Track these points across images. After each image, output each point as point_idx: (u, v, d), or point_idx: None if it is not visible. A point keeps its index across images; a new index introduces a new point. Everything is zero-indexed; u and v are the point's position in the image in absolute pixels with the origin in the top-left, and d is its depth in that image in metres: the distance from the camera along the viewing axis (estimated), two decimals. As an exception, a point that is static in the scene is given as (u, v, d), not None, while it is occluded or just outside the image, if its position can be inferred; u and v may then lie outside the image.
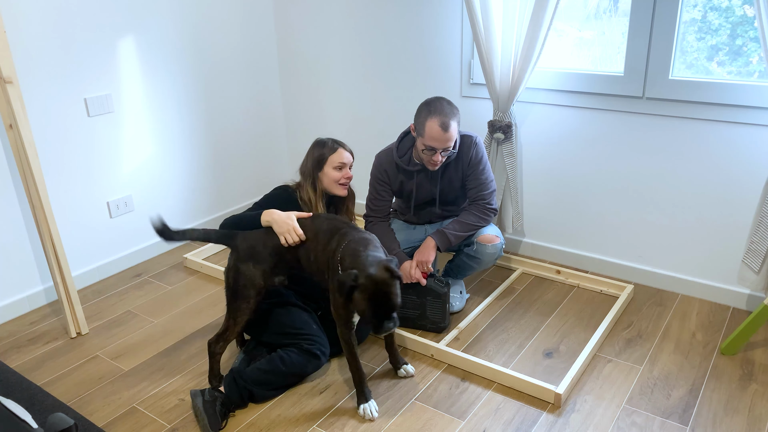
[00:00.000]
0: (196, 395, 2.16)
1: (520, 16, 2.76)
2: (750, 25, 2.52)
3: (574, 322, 2.72)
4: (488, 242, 2.63)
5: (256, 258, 2.20)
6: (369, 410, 2.18)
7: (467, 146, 2.60)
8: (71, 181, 2.99)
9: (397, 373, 2.39)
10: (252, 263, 2.19)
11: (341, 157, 2.42)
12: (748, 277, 2.69)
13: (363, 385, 2.20)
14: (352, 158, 2.48)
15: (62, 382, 2.42)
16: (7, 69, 2.37)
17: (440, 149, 2.45)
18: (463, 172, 2.63)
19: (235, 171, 3.83)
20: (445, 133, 2.41)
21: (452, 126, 2.42)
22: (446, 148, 2.46)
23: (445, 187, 2.66)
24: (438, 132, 2.41)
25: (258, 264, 2.19)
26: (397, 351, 2.39)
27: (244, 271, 2.19)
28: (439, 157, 2.48)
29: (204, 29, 3.42)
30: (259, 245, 2.21)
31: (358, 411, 2.19)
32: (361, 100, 3.63)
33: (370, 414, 2.17)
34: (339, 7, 3.49)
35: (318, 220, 2.26)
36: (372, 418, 2.17)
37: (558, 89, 2.93)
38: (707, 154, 2.68)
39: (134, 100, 3.17)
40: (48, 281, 2.99)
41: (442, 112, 2.42)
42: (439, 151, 2.46)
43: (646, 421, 2.14)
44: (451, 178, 2.64)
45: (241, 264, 2.20)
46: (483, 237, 2.63)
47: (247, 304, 2.20)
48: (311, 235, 2.21)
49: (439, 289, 2.56)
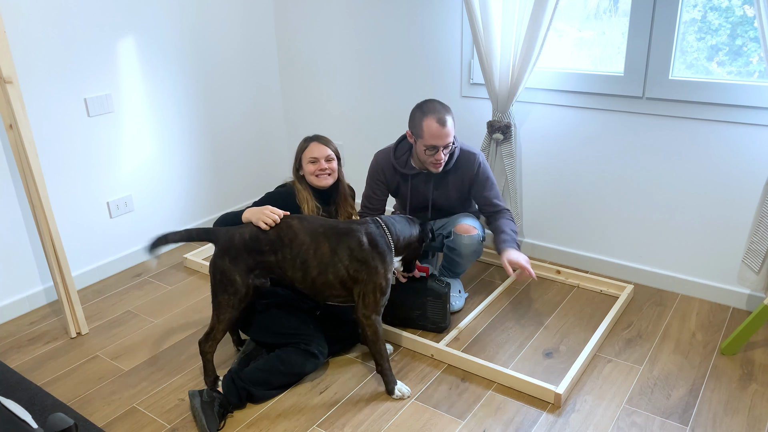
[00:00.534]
0: (194, 396, 2.16)
1: (520, 16, 2.76)
2: (750, 25, 2.52)
3: (574, 322, 2.72)
4: (464, 232, 2.63)
5: (231, 253, 2.16)
6: (405, 389, 2.29)
7: (470, 163, 2.61)
8: (71, 181, 2.99)
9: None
10: (228, 259, 2.16)
11: (312, 152, 2.46)
12: (748, 277, 2.69)
13: (391, 369, 2.30)
14: (328, 151, 2.47)
15: (62, 382, 2.42)
16: (7, 69, 2.37)
17: (441, 146, 2.46)
18: (467, 188, 2.66)
19: (235, 171, 3.83)
20: (444, 128, 2.43)
21: (449, 121, 2.45)
22: (447, 145, 2.47)
23: (440, 195, 2.67)
24: (437, 128, 2.42)
25: (234, 260, 2.16)
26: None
27: (221, 267, 2.16)
28: (441, 155, 2.49)
29: (204, 29, 3.42)
30: (236, 240, 2.18)
31: (395, 394, 2.27)
32: (361, 100, 3.63)
33: (408, 391, 2.29)
34: (339, 7, 3.49)
35: (307, 221, 2.24)
36: (409, 393, 2.29)
37: (558, 89, 2.93)
38: (707, 154, 2.68)
39: (134, 100, 3.17)
40: (48, 281, 2.99)
41: (435, 110, 2.44)
42: (440, 149, 2.46)
43: (646, 421, 2.14)
44: (448, 187, 2.65)
45: (218, 260, 2.17)
46: (459, 227, 2.64)
47: (228, 301, 2.17)
48: (305, 238, 2.19)
49: (440, 290, 2.56)
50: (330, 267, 2.18)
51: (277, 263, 2.20)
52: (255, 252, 2.18)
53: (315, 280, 2.20)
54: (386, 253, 2.21)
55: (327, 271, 2.19)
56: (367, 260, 2.18)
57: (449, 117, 2.46)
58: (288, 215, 2.25)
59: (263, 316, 2.35)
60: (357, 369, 2.45)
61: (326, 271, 2.19)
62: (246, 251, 2.17)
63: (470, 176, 2.63)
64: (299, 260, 2.19)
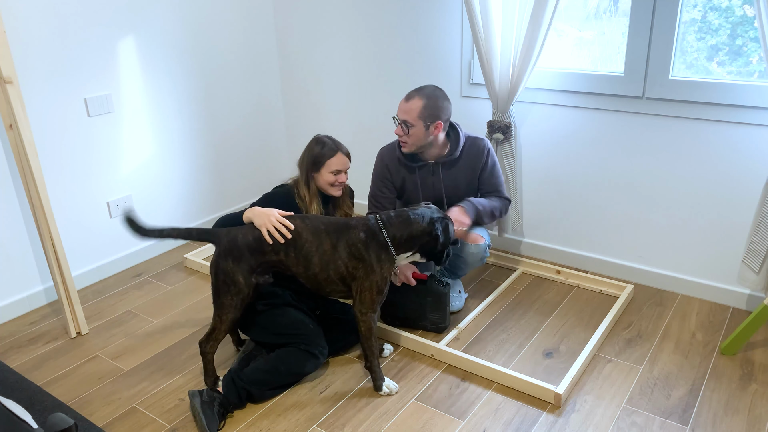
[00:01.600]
0: (194, 395, 2.16)
1: (520, 16, 2.76)
2: (750, 25, 2.52)
3: (574, 322, 2.72)
4: (472, 242, 2.63)
5: (234, 254, 2.16)
6: (392, 385, 2.32)
7: (479, 150, 2.61)
8: (71, 181, 2.99)
9: (382, 355, 2.52)
10: (231, 259, 2.16)
11: (339, 163, 2.40)
12: (748, 277, 2.69)
13: (379, 366, 2.32)
14: (349, 163, 2.46)
15: (62, 382, 2.42)
16: (7, 69, 2.37)
17: (399, 119, 2.50)
18: (477, 175, 2.65)
19: (235, 171, 3.83)
20: (405, 102, 2.48)
21: (414, 98, 2.47)
22: (404, 120, 2.49)
23: (450, 184, 2.65)
24: (401, 102, 2.49)
25: (236, 260, 2.16)
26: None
27: (224, 268, 2.16)
28: (400, 130, 2.50)
29: (204, 29, 3.42)
30: (239, 241, 2.17)
31: (382, 391, 2.30)
32: (361, 100, 3.63)
33: (395, 387, 2.32)
34: (339, 7, 3.49)
35: (309, 220, 2.24)
36: (397, 389, 2.32)
37: (558, 89, 2.93)
38: (707, 154, 2.68)
39: (134, 100, 3.17)
40: (48, 281, 2.99)
41: (417, 89, 2.50)
42: (397, 122, 2.51)
43: (646, 421, 2.14)
44: (456, 176, 2.63)
45: (221, 260, 2.17)
46: (468, 236, 2.63)
47: (230, 301, 2.18)
48: (308, 236, 2.19)
49: (440, 290, 2.56)
50: (331, 263, 2.19)
51: (280, 261, 2.21)
52: (258, 253, 2.18)
53: (317, 275, 2.21)
54: (382, 251, 2.19)
55: (328, 267, 2.20)
56: (364, 257, 2.18)
57: (419, 97, 2.46)
58: (291, 216, 2.24)
59: (263, 317, 2.35)
60: (357, 369, 2.45)
61: (327, 268, 2.20)
62: (249, 252, 2.17)
63: (481, 162, 2.62)
64: (302, 257, 2.19)
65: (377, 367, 2.30)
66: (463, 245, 2.64)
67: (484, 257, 2.70)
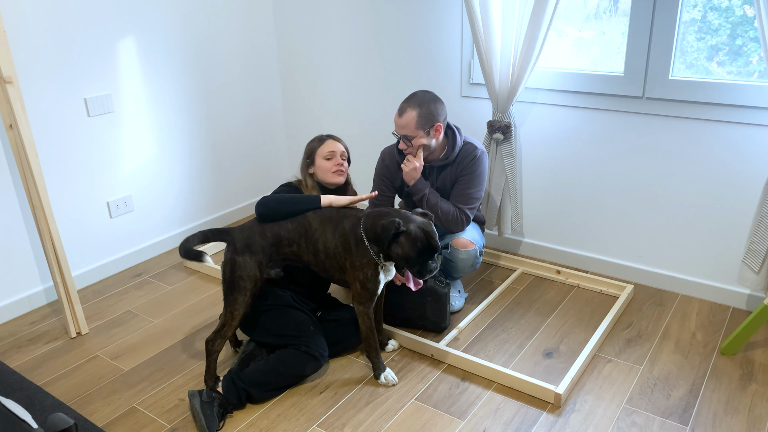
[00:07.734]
0: (193, 396, 2.16)
1: (520, 16, 2.76)
2: (750, 25, 2.52)
3: (574, 322, 2.72)
4: (462, 247, 2.62)
5: (252, 249, 2.22)
6: (390, 376, 2.33)
7: (469, 156, 2.58)
8: (71, 181, 2.99)
9: (385, 349, 2.53)
10: (248, 255, 2.21)
11: (329, 147, 2.47)
12: (748, 277, 2.68)
13: (380, 357, 2.34)
14: (342, 148, 2.51)
15: (62, 382, 2.42)
16: (7, 69, 2.37)
17: (399, 134, 2.51)
18: (456, 177, 2.62)
19: (235, 171, 3.83)
20: (398, 118, 2.50)
21: (407, 111, 2.47)
22: (404, 135, 2.50)
23: (439, 186, 2.67)
24: (395, 118, 2.50)
25: (254, 255, 2.22)
26: (383, 329, 2.55)
27: (241, 263, 2.21)
28: (403, 145, 2.52)
29: (204, 29, 3.42)
30: (256, 236, 2.24)
31: (380, 380, 2.33)
32: (361, 101, 3.63)
33: (393, 379, 2.33)
34: (339, 7, 3.49)
35: (321, 210, 2.30)
36: (395, 382, 2.33)
37: (558, 89, 2.93)
38: (707, 154, 2.68)
39: (134, 100, 3.17)
40: (48, 281, 2.99)
41: (406, 100, 2.50)
42: (398, 137, 2.52)
43: (646, 421, 2.14)
44: (445, 179, 2.65)
45: (237, 256, 2.22)
46: (457, 241, 2.63)
47: (244, 297, 2.21)
48: (317, 225, 2.25)
49: (440, 290, 2.56)
50: (331, 250, 2.24)
51: (292, 252, 2.27)
52: (274, 248, 2.25)
53: (324, 262, 2.27)
54: (360, 244, 2.17)
55: (330, 254, 2.25)
56: (350, 248, 2.20)
57: (411, 109, 2.46)
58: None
59: (264, 318, 2.35)
60: (357, 369, 2.45)
61: (330, 255, 2.25)
62: (263, 250, 2.24)
63: (463, 166, 2.59)
64: (312, 246, 2.25)
65: (376, 358, 2.33)
66: (453, 251, 2.63)
67: (476, 263, 2.68)
